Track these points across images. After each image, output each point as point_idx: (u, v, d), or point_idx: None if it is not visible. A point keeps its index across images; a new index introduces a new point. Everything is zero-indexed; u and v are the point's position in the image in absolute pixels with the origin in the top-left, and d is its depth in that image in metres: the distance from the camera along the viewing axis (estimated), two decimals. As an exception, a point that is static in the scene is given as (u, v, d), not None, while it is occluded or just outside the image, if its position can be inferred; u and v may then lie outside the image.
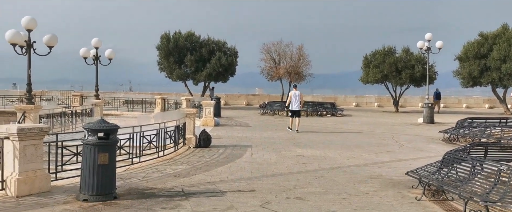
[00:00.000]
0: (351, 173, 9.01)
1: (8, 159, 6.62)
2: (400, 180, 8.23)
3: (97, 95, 22.30)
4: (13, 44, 13.25)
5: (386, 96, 40.78)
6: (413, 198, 6.82)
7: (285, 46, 38.66)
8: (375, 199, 6.79)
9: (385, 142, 14.68)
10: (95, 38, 21.12)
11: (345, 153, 11.97)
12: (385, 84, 34.19)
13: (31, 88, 14.31)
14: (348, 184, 7.90)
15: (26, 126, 6.78)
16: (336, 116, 28.00)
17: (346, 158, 11.13)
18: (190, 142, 12.20)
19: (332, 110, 29.03)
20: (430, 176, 7.10)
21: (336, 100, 38.92)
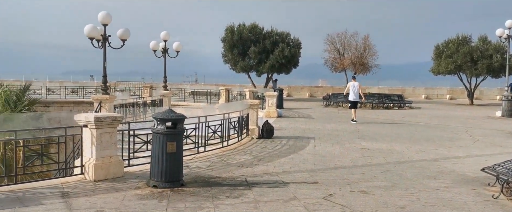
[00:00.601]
0: (420, 168, 8.61)
1: (86, 146, 7.12)
2: (474, 177, 7.73)
3: (165, 86, 23.26)
4: (91, 38, 14.18)
5: (459, 88, 38.43)
6: (489, 196, 6.38)
7: (350, 37, 37.75)
8: (446, 196, 6.44)
9: (457, 136, 13.85)
10: (164, 32, 22.00)
11: (413, 146, 11.47)
12: (458, 75, 32.22)
13: (106, 80, 15.26)
14: (417, 179, 7.56)
15: (102, 115, 7.24)
16: (404, 108, 26.89)
17: (415, 152, 10.65)
18: (253, 133, 12.34)
19: (400, 102, 27.91)
20: (510, 173, 6.58)
21: (404, 92, 37.36)
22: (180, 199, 5.95)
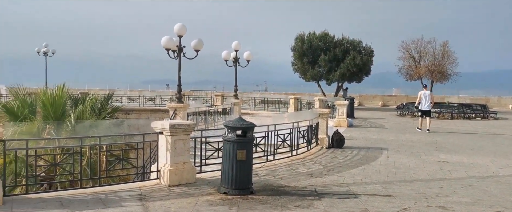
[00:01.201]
0: (507, 184, 7.91)
1: (161, 152, 7.47)
2: None
3: (236, 95, 23.77)
4: (167, 49, 14.94)
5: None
6: None
7: (427, 43, 35.96)
8: (538, 217, 5.85)
9: (551, 151, 12.55)
10: (235, 42, 22.55)
11: (499, 160, 10.57)
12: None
13: (181, 89, 15.95)
14: (503, 196, 6.95)
15: (176, 123, 7.56)
16: (488, 119, 24.95)
17: (501, 166, 9.81)
18: (323, 142, 12.16)
19: (483, 112, 25.95)
20: None
21: (488, 102, 34.68)
22: (249, 206, 6.00)
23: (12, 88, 14.64)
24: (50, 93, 13.39)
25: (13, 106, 13.27)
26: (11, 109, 13.22)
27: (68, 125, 13.35)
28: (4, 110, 13.21)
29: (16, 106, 13.22)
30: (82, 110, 14.38)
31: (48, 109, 13.08)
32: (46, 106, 13.10)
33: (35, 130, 12.46)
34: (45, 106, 13.12)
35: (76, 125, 13.43)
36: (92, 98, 15.24)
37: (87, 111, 14.63)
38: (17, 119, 13.10)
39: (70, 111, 14.32)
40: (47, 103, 13.11)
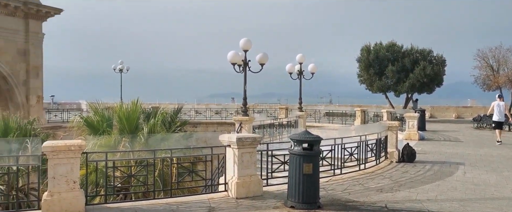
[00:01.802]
0: None
1: (229, 164, 7.61)
2: None
3: (300, 108, 23.68)
4: (233, 63, 15.31)
5: None
6: None
7: (506, 51, 33.47)
8: None
9: None
10: (299, 54, 22.57)
11: None
12: None
13: (246, 102, 16.21)
14: None
15: (243, 136, 7.67)
16: None
17: None
18: (392, 156, 11.68)
19: None
20: None
21: None
22: (317, 221, 5.90)
23: (91, 104, 15.69)
24: (125, 108, 14.21)
25: (93, 120, 14.24)
26: (92, 123, 14.21)
27: (141, 138, 14.05)
28: (86, 124, 14.22)
29: (96, 120, 14.17)
30: (153, 123, 15.07)
31: (123, 122, 13.89)
32: (122, 120, 13.92)
33: (112, 142, 13.27)
34: (121, 119, 13.95)
35: (148, 138, 14.10)
36: (163, 112, 15.93)
37: (158, 124, 15.30)
38: (96, 132, 14.05)
39: (143, 124, 15.06)
40: (122, 118, 13.93)
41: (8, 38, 25.56)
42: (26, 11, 25.98)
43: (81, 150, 6.06)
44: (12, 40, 25.83)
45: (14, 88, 26.11)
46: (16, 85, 26.16)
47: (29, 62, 26.66)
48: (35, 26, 26.94)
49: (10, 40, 25.68)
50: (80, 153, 6.10)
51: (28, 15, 26.25)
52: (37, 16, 26.82)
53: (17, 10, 25.60)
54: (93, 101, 15.44)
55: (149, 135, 14.20)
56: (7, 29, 25.44)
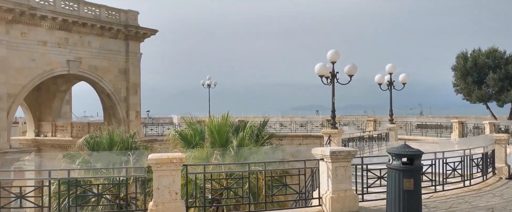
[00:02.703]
0: None
1: (323, 178, 7.44)
2: None
3: (391, 120, 22.63)
4: (321, 75, 15.14)
5: None
6: None
7: None
8: None
9: None
10: (389, 64, 21.66)
11: None
12: None
13: (334, 115, 15.89)
14: None
15: (336, 149, 7.47)
16: None
17: None
18: (501, 172, 10.59)
19: None
20: None
21: None
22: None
23: (185, 118, 16.47)
24: (216, 121, 14.71)
25: (186, 134, 14.93)
26: (185, 136, 14.91)
27: (231, 150, 14.40)
28: (180, 137, 14.96)
29: (189, 134, 14.85)
30: (242, 136, 15.37)
31: (214, 136, 14.37)
32: (213, 133, 14.42)
33: (205, 155, 13.78)
34: (212, 133, 14.45)
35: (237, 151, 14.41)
36: (251, 126, 16.19)
37: (246, 138, 15.57)
38: (190, 145, 14.70)
39: (232, 138, 15.43)
40: (214, 131, 14.42)
41: (111, 59, 28.07)
42: (126, 33, 28.35)
43: (182, 162, 6.34)
44: (115, 60, 28.30)
45: (116, 104, 28.49)
46: (118, 102, 28.53)
47: (129, 80, 28.96)
48: (134, 47, 29.27)
49: (113, 61, 28.17)
50: (181, 165, 6.38)
51: (128, 36, 28.62)
52: (135, 38, 29.14)
53: (119, 33, 28.05)
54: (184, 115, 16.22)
55: (238, 148, 14.51)
56: (110, 50, 27.96)
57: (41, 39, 23.94)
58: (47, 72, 24.44)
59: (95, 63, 27.13)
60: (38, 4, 23.55)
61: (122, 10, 28.45)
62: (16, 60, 22.72)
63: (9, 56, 22.28)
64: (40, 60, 23.96)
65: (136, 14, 29.23)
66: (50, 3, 24.22)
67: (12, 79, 22.47)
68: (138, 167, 8.61)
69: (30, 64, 23.47)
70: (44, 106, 29.81)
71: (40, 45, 23.91)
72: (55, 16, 24.02)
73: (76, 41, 25.86)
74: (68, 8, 25.22)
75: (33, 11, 22.87)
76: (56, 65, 24.85)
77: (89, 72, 26.79)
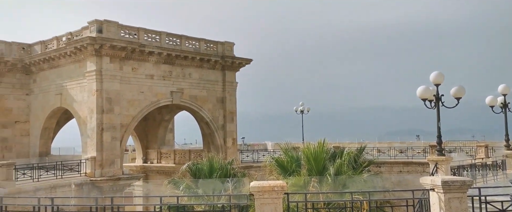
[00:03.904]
0: None
1: (434, 210, 6.83)
2: None
3: (507, 145, 20.34)
4: (423, 99, 14.24)
5: None
6: None
7: None
8: None
9: None
10: (503, 85, 19.73)
11: None
12: None
13: (441, 141, 14.73)
14: None
15: (449, 179, 6.85)
16: None
17: None
18: None
19: None
20: None
21: None
22: None
23: (280, 144, 16.51)
24: (312, 148, 14.51)
25: (283, 161, 14.95)
26: (282, 163, 14.93)
27: (328, 178, 14.03)
28: (276, 164, 15.02)
29: (285, 161, 14.84)
30: (340, 163, 14.92)
31: (311, 163, 14.17)
32: (309, 160, 14.23)
33: (302, 182, 13.61)
34: (309, 160, 14.26)
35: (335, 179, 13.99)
36: (349, 152, 15.67)
37: (344, 165, 15.08)
38: (286, 172, 14.66)
39: (328, 165, 15.06)
40: (310, 158, 14.23)
41: (209, 89, 29.58)
42: (223, 63, 29.77)
43: (283, 190, 6.28)
44: (212, 90, 29.77)
45: (214, 132, 29.75)
46: (216, 130, 29.77)
47: (226, 108, 30.16)
48: (230, 76, 30.56)
49: (211, 90, 29.66)
50: (282, 193, 6.32)
51: (225, 67, 30.01)
52: (231, 68, 30.45)
53: (216, 64, 29.56)
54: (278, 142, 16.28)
55: (336, 176, 14.09)
56: (208, 81, 29.53)
57: (148, 73, 26.13)
58: (154, 103, 26.47)
59: (195, 93, 28.78)
60: (146, 41, 25.85)
61: (219, 42, 30.02)
62: (127, 93, 25.01)
63: (122, 90, 24.61)
64: (148, 92, 26.09)
65: (232, 45, 30.62)
66: (156, 40, 26.47)
67: (124, 110, 24.71)
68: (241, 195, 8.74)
69: (139, 97, 25.66)
70: (151, 134, 32.20)
71: (148, 78, 26.09)
72: (161, 51, 26.12)
73: (178, 73, 27.76)
74: (172, 43, 27.31)
75: (142, 48, 25.14)
76: (161, 97, 26.83)
77: (190, 102, 28.46)
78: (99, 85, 23.52)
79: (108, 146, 23.42)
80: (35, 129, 28.76)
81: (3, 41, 28.41)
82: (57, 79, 26.85)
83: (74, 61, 25.36)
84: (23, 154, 28.04)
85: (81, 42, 23.22)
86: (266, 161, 16.00)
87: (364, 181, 14.05)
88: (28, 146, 28.95)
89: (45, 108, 27.96)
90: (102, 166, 23.00)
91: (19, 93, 28.87)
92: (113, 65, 24.02)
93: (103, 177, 22.71)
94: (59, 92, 26.65)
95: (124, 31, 24.86)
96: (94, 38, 22.95)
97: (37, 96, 28.76)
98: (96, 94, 23.44)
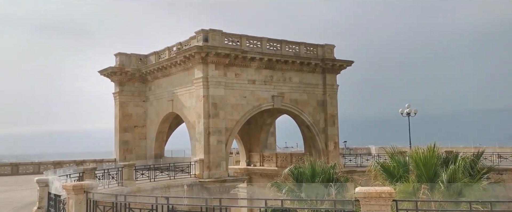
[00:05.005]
0: None
1: None
2: None
3: None
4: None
5: None
6: None
7: None
8: None
9: None
10: None
11: None
12: None
13: None
14: None
15: None
16: None
17: None
18: None
19: None
20: None
21: None
22: None
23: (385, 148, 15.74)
24: (421, 153, 13.58)
25: (389, 166, 14.22)
26: (388, 168, 14.20)
27: (441, 185, 13.00)
28: (382, 169, 14.33)
29: (392, 166, 14.09)
30: (453, 169, 13.74)
31: (421, 168, 13.25)
32: (418, 165, 13.32)
33: (410, 189, 12.79)
34: (418, 165, 13.36)
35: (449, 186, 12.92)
36: (464, 158, 14.37)
37: (459, 171, 13.85)
38: (392, 178, 13.91)
39: (440, 171, 13.96)
40: (419, 163, 13.32)
41: (309, 92, 29.51)
42: (323, 66, 29.49)
43: (392, 197, 5.97)
44: (313, 93, 29.64)
45: (315, 135, 29.56)
46: (317, 133, 29.55)
47: (326, 112, 29.81)
48: (331, 79, 30.14)
49: (311, 94, 29.56)
50: (390, 200, 6.01)
51: (325, 70, 29.70)
52: (332, 70, 30.01)
53: (317, 67, 29.38)
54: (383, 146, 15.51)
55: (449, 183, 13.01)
56: (309, 84, 29.47)
57: (250, 78, 26.97)
58: (256, 107, 27.21)
59: (295, 97, 28.93)
60: (248, 48, 26.73)
61: (319, 45, 29.83)
62: (231, 98, 26.09)
63: (226, 95, 25.75)
64: (250, 97, 26.93)
65: (332, 48, 30.22)
66: (258, 46, 27.21)
67: (228, 115, 25.81)
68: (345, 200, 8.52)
69: (242, 101, 26.60)
70: (253, 137, 33.14)
71: (250, 83, 26.93)
72: (262, 57, 26.80)
73: (279, 78, 28.19)
74: (272, 48, 27.85)
75: (244, 54, 26.06)
76: (263, 101, 27.48)
77: (290, 106, 28.69)
78: (206, 91, 24.91)
79: (214, 149, 24.66)
80: (151, 132, 31.50)
81: (124, 53, 31.70)
82: (169, 87, 29.10)
83: (184, 69, 27.24)
84: (141, 156, 30.86)
85: (189, 51, 24.85)
86: (370, 165, 15.38)
87: (483, 190, 12.78)
88: (145, 149, 31.83)
89: (159, 113, 30.47)
90: (210, 168, 24.27)
91: (137, 100, 31.93)
92: (218, 71, 25.27)
93: (210, 178, 23.95)
94: (170, 98, 28.85)
95: (227, 39, 26.03)
96: (201, 46, 24.39)
97: (152, 103, 31.50)
98: (203, 100, 24.86)
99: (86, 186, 9.77)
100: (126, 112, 31.62)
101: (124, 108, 31.55)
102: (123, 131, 31.51)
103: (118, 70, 30.93)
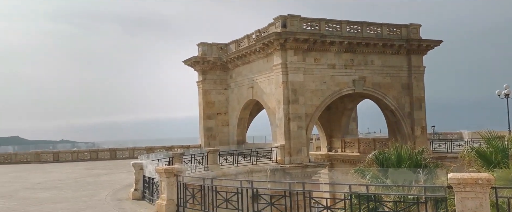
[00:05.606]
0: None
1: None
2: None
3: None
4: None
5: None
6: None
7: None
8: None
9: None
10: None
11: None
12: None
13: None
14: None
15: None
16: None
17: None
18: None
19: None
20: None
21: None
22: None
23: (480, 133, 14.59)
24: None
25: (485, 151, 13.15)
26: (483, 154, 13.14)
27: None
28: (477, 155, 13.29)
29: (488, 151, 13.01)
30: None
31: (524, 154, 12.09)
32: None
33: (510, 176, 11.73)
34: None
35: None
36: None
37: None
38: (489, 164, 12.84)
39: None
40: (522, 149, 12.16)
41: (393, 75, 28.16)
42: (408, 48, 27.91)
43: (490, 184, 5.49)
44: (397, 76, 28.24)
45: (400, 120, 28.23)
46: (402, 118, 28.19)
47: (412, 95, 28.26)
48: (417, 61, 28.45)
49: (395, 77, 28.20)
50: (488, 187, 5.53)
51: (410, 51, 28.08)
52: (418, 51, 28.30)
53: (400, 49, 27.90)
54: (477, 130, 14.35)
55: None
56: (392, 67, 28.12)
57: (330, 63, 26.43)
58: (336, 92, 26.66)
59: (378, 80, 27.80)
60: (327, 32, 26.16)
61: (403, 25, 28.25)
62: (311, 84, 25.82)
63: (305, 81, 25.53)
64: (330, 82, 26.43)
65: (417, 27, 28.45)
66: (337, 29, 26.51)
67: (308, 100, 25.61)
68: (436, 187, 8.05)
69: (321, 86, 26.21)
70: (334, 123, 32.60)
71: (330, 68, 26.40)
72: (342, 40, 26.07)
73: (360, 61, 27.26)
74: (353, 31, 26.96)
75: (323, 38, 25.56)
76: (344, 86, 26.81)
77: (372, 90, 27.66)
78: (285, 78, 24.92)
79: (294, 134, 24.68)
80: (233, 119, 32.41)
81: (206, 43, 32.83)
82: (249, 74, 29.61)
83: (263, 56, 27.48)
84: (224, 142, 31.94)
85: (268, 38, 24.97)
86: (464, 151, 14.33)
87: None
88: (228, 135, 32.85)
89: (240, 100, 31.20)
90: (290, 154, 24.37)
91: (219, 88, 32.97)
92: (297, 57, 25.11)
93: (291, 164, 24.06)
94: (250, 85, 29.35)
95: (306, 23, 25.69)
96: (279, 33, 24.37)
97: (233, 90, 32.33)
98: (282, 86, 24.91)
99: (176, 169, 10.36)
100: (209, 99, 32.82)
101: (207, 95, 32.77)
102: (206, 118, 32.81)
103: (200, 59, 32.12)
